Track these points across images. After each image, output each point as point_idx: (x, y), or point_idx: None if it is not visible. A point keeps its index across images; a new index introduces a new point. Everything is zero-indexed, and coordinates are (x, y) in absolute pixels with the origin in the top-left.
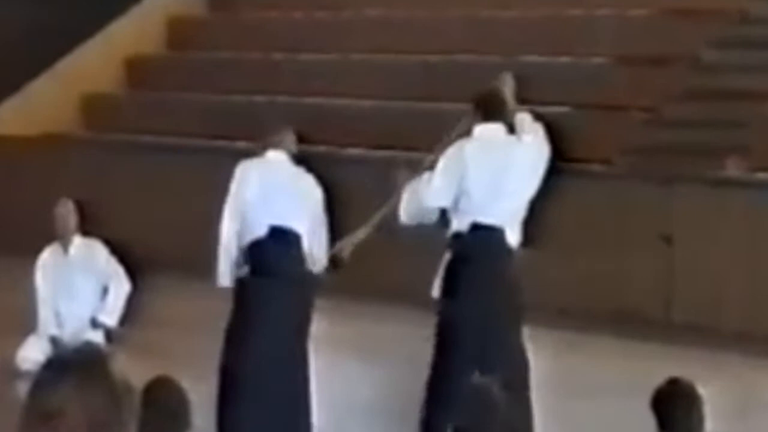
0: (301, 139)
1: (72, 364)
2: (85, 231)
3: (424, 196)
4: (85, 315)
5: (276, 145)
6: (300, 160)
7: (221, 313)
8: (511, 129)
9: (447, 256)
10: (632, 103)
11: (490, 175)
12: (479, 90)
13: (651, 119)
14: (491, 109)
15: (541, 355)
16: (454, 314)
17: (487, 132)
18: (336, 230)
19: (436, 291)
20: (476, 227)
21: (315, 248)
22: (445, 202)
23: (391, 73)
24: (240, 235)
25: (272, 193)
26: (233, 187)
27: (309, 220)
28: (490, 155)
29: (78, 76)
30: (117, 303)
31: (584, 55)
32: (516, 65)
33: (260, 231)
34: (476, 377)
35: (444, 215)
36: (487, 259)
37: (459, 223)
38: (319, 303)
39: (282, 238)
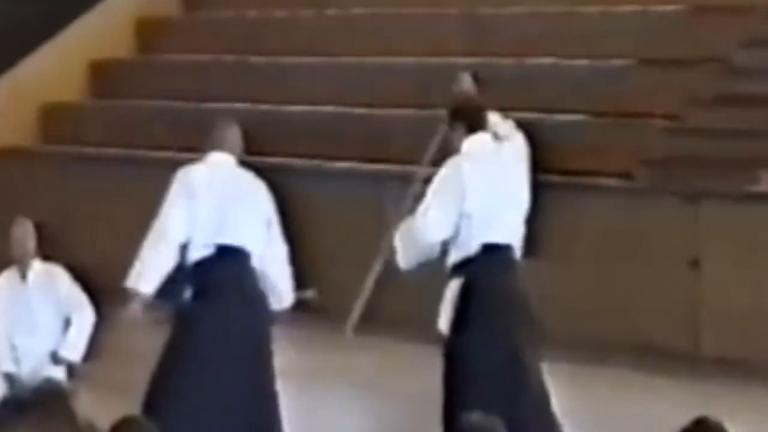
0: (284, 150)
1: (30, 404)
2: (45, 255)
3: (422, 233)
4: (45, 349)
5: (218, 146)
6: (251, 166)
7: None
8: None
9: (454, 285)
10: (654, 110)
11: (490, 191)
12: (455, 100)
13: (675, 127)
14: (474, 119)
15: (555, 392)
16: (473, 347)
17: (476, 145)
18: (319, 249)
19: (443, 324)
20: (487, 248)
21: (279, 279)
22: (446, 234)
23: (382, 78)
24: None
25: (220, 206)
26: (177, 194)
27: (262, 237)
28: (485, 170)
29: (36, 83)
30: (80, 336)
31: (601, 56)
32: (524, 68)
33: (206, 250)
34: (477, 416)
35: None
36: (504, 280)
37: (466, 248)
38: (293, 333)
39: (231, 258)
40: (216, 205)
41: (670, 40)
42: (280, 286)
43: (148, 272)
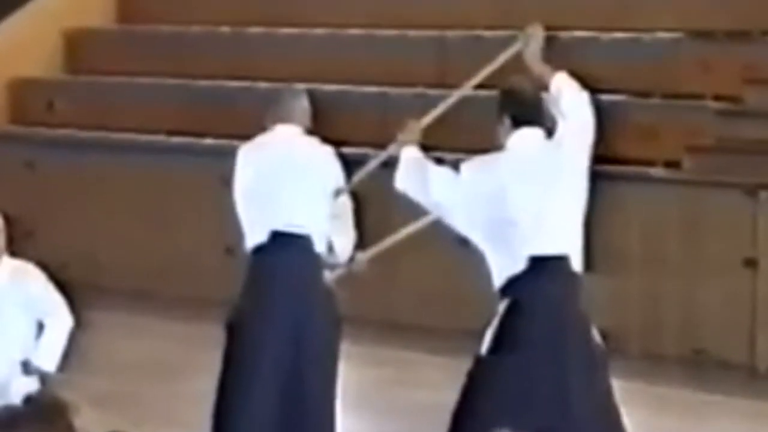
0: None
1: (24, 420)
2: (14, 251)
3: (432, 204)
4: (15, 357)
5: (285, 118)
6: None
7: (184, 356)
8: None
9: (502, 306)
10: (706, 90)
11: (538, 196)
12: (504, 88)
13: (730, 109)
14: (524, 111)
15: None
16: (508, 373)
17: (523, 143)
18: None
19: (485, 346)
20: (536, 261)
21: (337, 239)
22: (473, 237)
23: (397, 53)
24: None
25: (274, 186)
26: (236, 173)
27: (325, 213)
28: (532, 171)
29: (5, 55)
30: (55, 342)
31: (645, 29)
32: (557, 41)
33: (258, 236)
34: None
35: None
36: (559, 297)
37: (513, 263)
38: None
39: (286, 245)
40: (270, 182)
41: (723, 10)
42: (337, 246)
43: None
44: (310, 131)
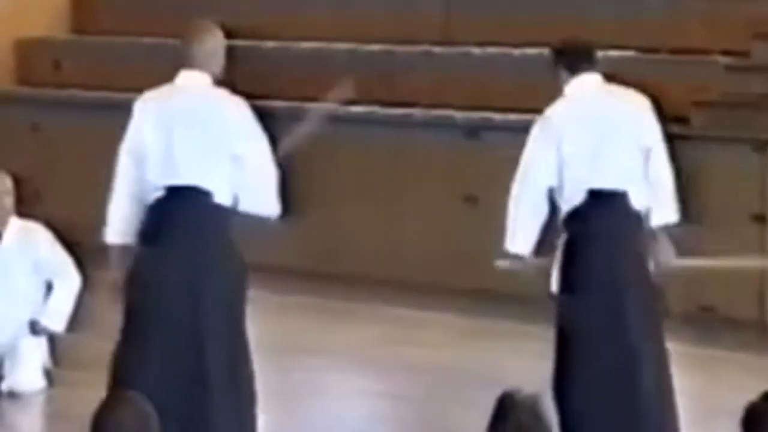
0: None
1: None
2: (22, 212)
3: (523, 176)
4: (23, 317)
5: (189, 64)
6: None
7: None
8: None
9: (562, 240)
10: (714, 44)
11: (594, 136)
12: (555, 45)
13: (737, 64)
14: (575, 60)
15: None
16: (581, 309)
17: (578, 87)
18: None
19: (554, 285)
20: (594, 194)
21: (260, 191)
22: (549, 176)
23: (400, 11)
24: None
25: (174, 139)
26: (129, 128)
27: (227, 166)
28: (587, 111)
29: (11, 17)
30: (64, 303)
31: None
32: None
33: (155, 191)
34: (517, 393)
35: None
36: (616, 231)
37: (572, 197)
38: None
39: (183, 199)
40: (169, 135)
41: None
42: (262, 198)
43: (111, 223)
44: (222, 81)
